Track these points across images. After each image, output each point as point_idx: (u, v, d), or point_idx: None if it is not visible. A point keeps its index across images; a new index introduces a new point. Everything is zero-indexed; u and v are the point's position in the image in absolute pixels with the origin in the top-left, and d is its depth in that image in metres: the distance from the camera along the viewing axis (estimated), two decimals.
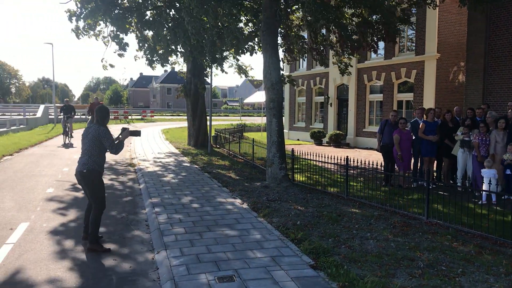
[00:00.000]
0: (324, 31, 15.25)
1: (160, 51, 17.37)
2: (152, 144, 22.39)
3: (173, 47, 16.78)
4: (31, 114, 40.18)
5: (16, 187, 10.84)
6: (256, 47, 17.03)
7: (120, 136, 6.45)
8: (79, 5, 14.74)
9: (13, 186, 10.89)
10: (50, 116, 41.99)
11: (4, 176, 12.22)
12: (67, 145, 20.91)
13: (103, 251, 6.27)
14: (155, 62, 17.63)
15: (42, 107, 41.03)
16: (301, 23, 15.64)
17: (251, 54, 17.01)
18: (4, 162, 15.08)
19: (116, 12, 15.02)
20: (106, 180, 12.06)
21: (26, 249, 6.37)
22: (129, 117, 52.10)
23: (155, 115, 59.24)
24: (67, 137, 22.09)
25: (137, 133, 6.74)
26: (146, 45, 17.38)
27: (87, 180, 6.28)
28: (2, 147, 18.48)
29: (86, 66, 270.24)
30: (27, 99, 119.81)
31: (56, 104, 44.89)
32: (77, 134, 15.03)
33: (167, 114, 68.52)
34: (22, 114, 39.92)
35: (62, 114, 22.36)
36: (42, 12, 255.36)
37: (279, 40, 16.33)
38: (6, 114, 44.04)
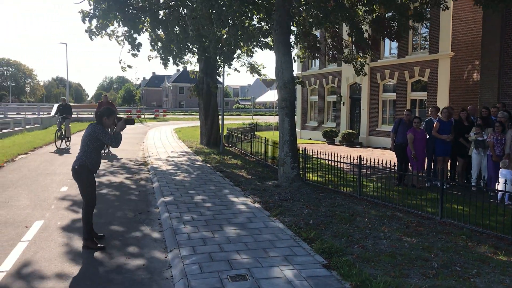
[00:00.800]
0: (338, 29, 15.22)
1: (174, 51, 17.42)
2: (165, 143, 22.50)
3: (187, 45, 16.83)
4: (45, 113, 40.63)
5: (31, 185, 10.97)
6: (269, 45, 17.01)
7: (115, 128, 6.51)
8: (92, 6, 14.84)
9: (28, 185, 11.02)
10: None
11: (19, 175, 12.37)
12: (62, 151, 18.01)
13: (96, 249, 6.34)
14: (169, 61, 17.69)
15: (56, 106, 41.48)
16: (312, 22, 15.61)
17: (270, 49, 16.92)
18: (19, 160, 15.27)
19: (129, 11, 15.10)
20: (120, 178, 12.15)
21: (41, 246, 6.44)
22: (142, 116, 52.47)
23: (168, 114, 59.57)
24: (62, 141, 19.22)
25: (130, 122, 6.86)
26: (160, 44, 17.45)
27: (77, 175, 6.38)
28: (17, 146, 18.72)
29: (99, 65, 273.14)
30: (41, 99, 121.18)
31: (70, 104, 45.17)
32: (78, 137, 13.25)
33: (179, 113, 68.87)
34: (36, 113, 40.38)
35: (57, 114, 19.60)
36: (56, 12, 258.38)
37: (293, 39, 16.32)
38: (21, 113, 44.58)
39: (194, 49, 17.78)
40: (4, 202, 9.09)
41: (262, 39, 15.87)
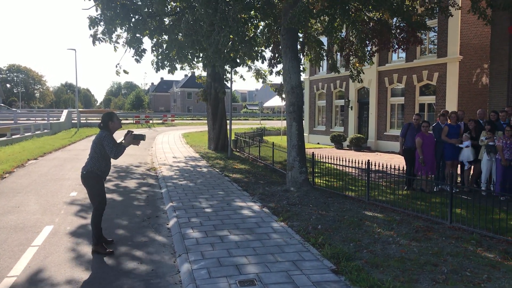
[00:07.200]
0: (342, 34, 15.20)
1: (175, 57, 17.37)
2: (173, 148, 22.57)
3: (195, 53, 16.81)
4: (54, 119, 40.97)
5: (40, 190, 11.05)
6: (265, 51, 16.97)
7: (123, 141, 6.46)
8: (99, 11, 14.90)
9: (38, 190, 11.11)
10: (73, 121, 42.79)
11: (29, 180, 12.47)
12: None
13: (106, 254, 6.37)
14: (165, 68, 17.67)
15: (65, 112, 41.85)
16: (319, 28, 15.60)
17: (262, 62, 16.78)
18: (29, 166, 15.39)
19: (136, 17, 15.14)
20: (128, 183, 12.21)
21: (51, 251, 6.49)
22: (151, 121, 52.69)
23: (176, 119, 59.80)
24: None
25: (141, 137, 6.49)
26: (160, 50, 17.43)
27: (85, 181, 6.44)
28: (27, 151, 18.87)
29: (108, 71, 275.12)
30: (50, 104, 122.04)
31: (79, 109, 45.43)
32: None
33: (187, 118, 69.12)
34: (46, 119, 40.72)
35: None
36: (66, 19, 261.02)
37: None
38: (31, 119, 44.99)
39: (199, 56, 17.72)
40: (14, 207, 9.17)
41: (263, 49, 15.85)
